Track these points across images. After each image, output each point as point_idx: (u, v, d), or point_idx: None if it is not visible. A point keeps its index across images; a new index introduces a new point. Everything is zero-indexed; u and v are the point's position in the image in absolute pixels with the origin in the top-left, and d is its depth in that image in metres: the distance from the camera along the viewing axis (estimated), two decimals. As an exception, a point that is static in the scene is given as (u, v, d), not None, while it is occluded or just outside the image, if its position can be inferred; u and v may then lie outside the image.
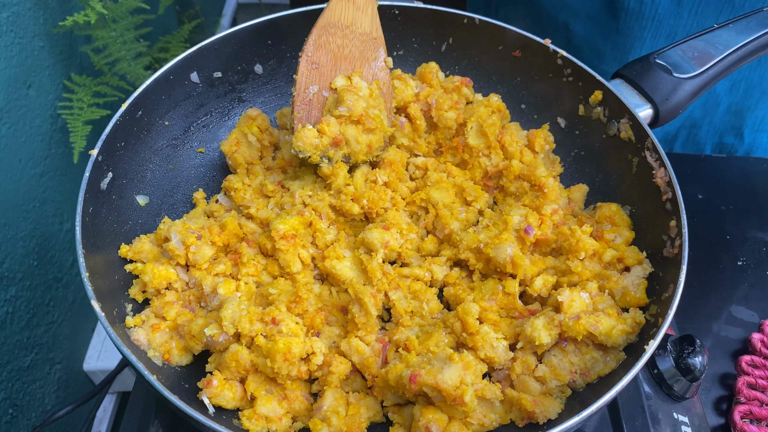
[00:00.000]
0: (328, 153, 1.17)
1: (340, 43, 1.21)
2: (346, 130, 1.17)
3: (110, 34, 1.83)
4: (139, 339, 1.05)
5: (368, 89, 1.21)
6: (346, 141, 1.17)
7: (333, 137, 1.16)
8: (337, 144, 1.16)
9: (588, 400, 0.96)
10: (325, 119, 1.16)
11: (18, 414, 1.72)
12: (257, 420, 0.99)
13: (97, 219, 1.11)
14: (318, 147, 1.15)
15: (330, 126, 1.16)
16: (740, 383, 1.27)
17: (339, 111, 1.16)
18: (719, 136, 1.84)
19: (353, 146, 1.17)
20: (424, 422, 0.96)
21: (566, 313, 1.04)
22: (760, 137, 1.82)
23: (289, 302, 1.07)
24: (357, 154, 1.19)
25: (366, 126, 1.18)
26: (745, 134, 1.82)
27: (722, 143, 1.85)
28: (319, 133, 1.16)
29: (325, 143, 1.16)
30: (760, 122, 1.80)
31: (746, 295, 1.42)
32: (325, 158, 1.17)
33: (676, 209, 1.11)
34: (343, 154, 1.18)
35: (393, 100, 1.27)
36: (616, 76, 1.30)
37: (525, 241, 1.13)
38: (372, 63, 1.24)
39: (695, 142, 1.86)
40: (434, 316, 1.12)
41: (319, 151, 1.16)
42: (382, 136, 1.21)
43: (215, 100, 1.39)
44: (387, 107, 1.24)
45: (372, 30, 1.24)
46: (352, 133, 1.17)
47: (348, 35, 1.21)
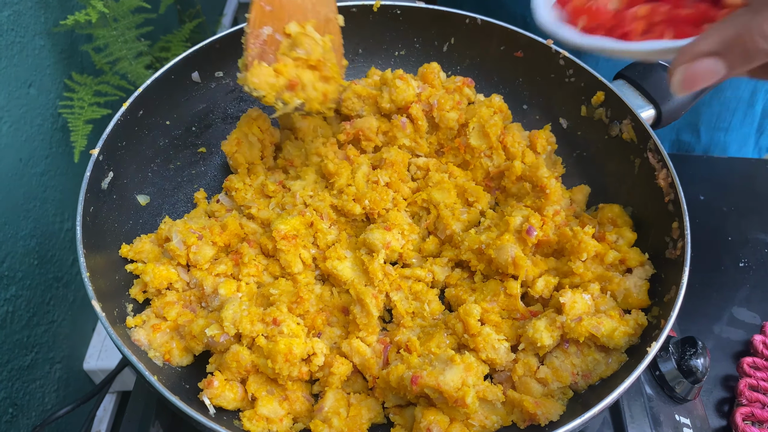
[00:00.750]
0: (284, 96, 1.11)
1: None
2: (302, 74, 1.12)
3: (111, 33, 1.83)
4: (140, 339, 1.05)
5: (322, 41, 1.17)
6: (302, 85, 1.12)
7: (290, 79, 1.11)
8: (293, 87, 1.11)
9: (590, 401, 0.95)
10: (282, 60, 1.12)
11: (18, 413, 1.72)
12: (258, 421, 0.99)
13: (97, 219, 1.10)
14: (274, 87, 1.10)
15: (287, 67, 1.11)
16: (742, 385, 1.26)
17: (297, 53, 1.12)
18: (676, 133, 1.84)
19: (309, 92, 1.12)
20: (426, 423, 0.96)
21: (568, 315, 1.04)
22: (717, 135, 1.82)
23: (290, 303, 1.07)
24: (312, 102, 1.14)
25: (323, 73, 1.14)
26: (702, 132, 1.82)
27: (680, 140, 1.84)
28: (276, 73, 1.11)
29: (281, 84, 1.10)
30: (715, 119, 1.80)
31: (748, 297, 1.42)
32: (280, 101, 1.11)
33: (678, 210, 1.10)
34: (299, 100, 1.13)
35: (342, 59, 1.24)
36: (619, 76, 1.30)
37: (527, 242, 1.13)
38: (323, 17, 1.20)
39: None
40: (435, 317, 1.12)
41: (275, 92, 1.10)
42: (337, 88, 1.18)
43: (217, 100, 1.38)
44: (338, 63, 1.22)
45: None
46: (308, 77, 1.12)
47: None
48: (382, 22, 1.43)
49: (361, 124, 1.31)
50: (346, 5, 1.39)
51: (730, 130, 1.80)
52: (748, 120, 1.79)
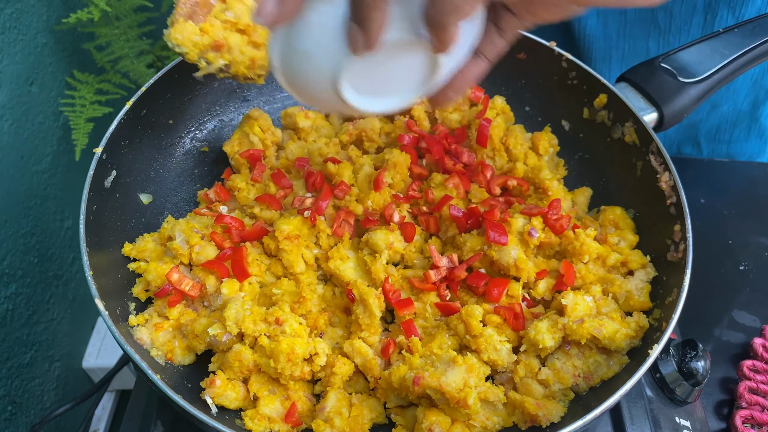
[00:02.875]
0: (207, 55, 1.11)
1: None
2: (230, 36, 1.11)
3: (113, 32, 1.83)
4: (142, 338, 1.05)
5: None
6: (228, 47, 1.11)
7: (215, 40, 1.10)
8: (218, 48, 1.10)
9: (591, 403, 0.96)
10: (209, 19, 1.11)
11: (17, 411, 1.72)
12: (260, 420, 0.99)
13: (100, 217, 1.10)
14: (197, 45, 1.09)
15: (214, 27, 1.10)
16: (741, 388, 1.27)
17: (225, 15, 1.11)
18: (677, 146, 1.85)
19: (235, 54, 1.12)
20: (427, 424, 0.96)
21: (570, 317, 1.05)
22: (719, 147, 1.83)
23: (292, 303, 1.07)
24: (238, 65, 1.13)
25: (252, 38, 1.13)
26: (702, 144, 1.83)
27: (680, 153, 1.85)
28: (201, 32, 1.10)
29: (205, 42, 1.10)
30: (715, 132, 1.81)
31: (748, 300, 1.43)
32: (204, 60, 1.11)
33: (680, 213, 1.11)
34: (224, 61, 1.12)
35: None
36: (621, 79, 1.30)
37: (529, 244, 1.13)
38: None
39: None
40: (437, 318, 1.12)
41: (198, 50, 1.10)
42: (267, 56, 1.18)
43: (219, 100, 1.38)
44: None
45: None
46: (236, 41, 1.11)
47: None
48: (385, 23, 1.43)
49: (364, 124, 1.31)
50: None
51: (733, 142, 1.80)
52: (754, 133, 1.79)
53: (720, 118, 1.77)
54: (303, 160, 1.27)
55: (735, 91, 1.69)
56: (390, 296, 1.09)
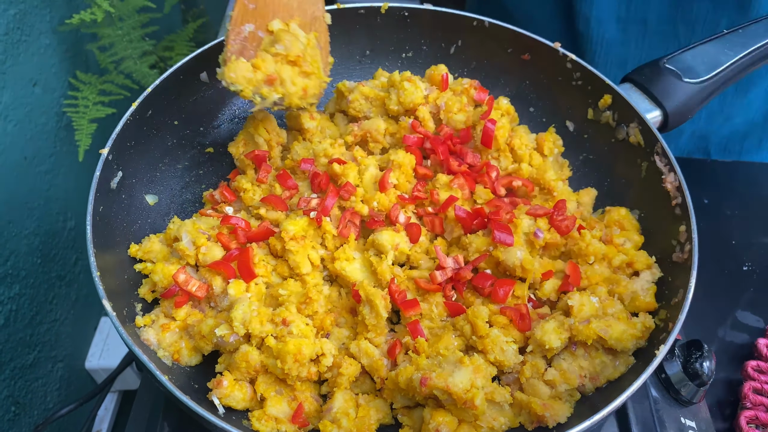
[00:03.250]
0: (262, 91, 1.12)
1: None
2: (281, 69, 1.13)
3: (116, 33, 1.82)
4: (149, 339, 1.05)
5: (306, 38, 1.17)
6: (281, 81, 1.13)
7: (267, 74, 1.11)
8: (271, 82, 1.12)
9: (597, 404, 0.96)
10: (260, 54, 1.13)
11: (20, 412, 1.72)
12: (267, 421, 0.99)
13: (107, 218, 1.10)
14: (251, 81, 1.11)
15: (265, 62, 1.11)
16: (746, 388, 1.27)
17: (276, 49, 1.12)
18: (687, 154, 1.86)
19: (288, 87, 1.13)
20: (434, 425, 0.96)
21: (576, 317, 1.05)
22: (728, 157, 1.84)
23: (299, 303, 1.07)
24: (291, 97, 1.15)
25: (303, 69, 1.14)
26: (712, 153, 1.84)
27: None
28: (254, 68, 1.12)
29: (258, 78, 1.11)
30: (725, 143, 1.82)
31: (752, 301, 1.43)
32: (258, 95, 1.12)
33: (685, 214, 1.11)
34: (277, 95, 1.14)
35: (329, 56, 1.24)
36: (626, 80, 1.31)
37: (534, 244, 1.13)
38: (310, 15, 1.20)
39: None
40: (443, 319, 1.12)
41: (252, 86, 1.11)
42: (319, 84, 1.18)
43: (225, 100, 1.38)
44: (323, 60, 1.22)
45: None
46: (287, 73, 1.13)
47: None
48: (389, 24, 1.44)
49: (369, 125, 1.31)
50: (354, 7, 1.39)
51: (743, 153, 1.81)
52: (766, 144, 1.79)
53: (732, 129, 1.78)
54: (308, 161, 1.27)
55: (749, 103, 1.70)
56: (396, 297, 1.09)
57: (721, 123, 1.76)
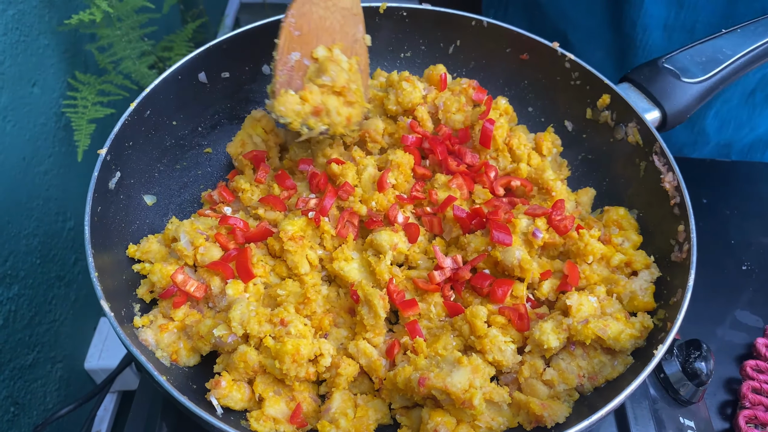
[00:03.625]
0: (309, 122, 1.15)
1: (322, 14, 1.18)
2: (327, 100, 1.15)
3: (115, 33, 1.83)
4: (147, 339, 1.05)
5: (348, 63, 1.20)
6: (326, 111, 1.15)
7: (315, 106, 1.14)
8: (318, 113, 1.14)
9: (596, 404, 0.96)
10: (308, 87, 1.15)
11: (19, 412, 1.72)
12: (265, 421, 0.99)
13: (105, 218, 1.10)
14: (299, 114, 1.14)
15: (313, 94, 1.14)
16: (745, 388, 1.27)
17: (322, 80, 1.15)
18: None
19: (333, 117, 1.16)
20: (433, 425, 0.96)
21: (574, 317, 1.05)
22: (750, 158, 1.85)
23: (297, 304, 1.07)
24: (336, 126, 1.17)
25: (347, 98, 1.17)
26: (732, 156, 1.85)
27: None
28: (302, 101, 1.14)
29: (306, 111, 1.14)
30: (747, 151, 1.83)
31: (751, 300, 1.43)
32: (305, 126, 1.15)
33: (684, 214, 1.11)
34: (323, 126, 1.16)
35: (368, 78, 1.26)
36: (624, 80, 1.30)
37: (533, 244, 1.13)
38: (351, 38, 1.22)
39: None
40: (442, 319, 1.12)
41: (300, 119, 1.14)
42: (361, 112, 1.20)
43: (223, 101, 1.38)
44: (363, 83, 1.23)
45: (353, 6, 1.23)
46: (333, 104, 1.16)
47: (330, 8, 1.19)
48: (388, 24, 1.43)
49: (367, 125, 1.31)
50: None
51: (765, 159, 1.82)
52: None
53: (755, 138, 1.79)
54: (307, 161, 1.27)
55: None
56: (394, 297, 1.09)
57: (747, 132, 1.77)
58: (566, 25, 1.75)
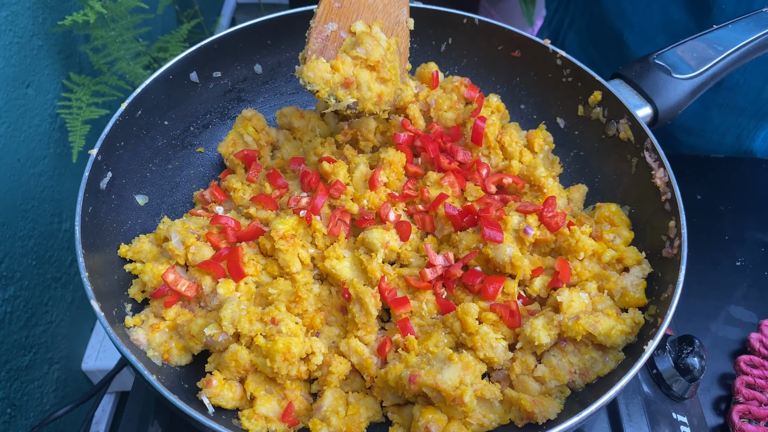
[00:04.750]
0: (337, 93, 1.11)
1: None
2: (359, 73, 1.12)
3: (109, 34, 1.83)
4: (139, 339, 1.05)
5: (387, 42, 1.17)
6: (357, 84, 1.12)
7: (345, 77, 1.11)
8: (348, 85, 1.11)
9: (587, 400, 0.96)
10: (340, 56, 1.12)
11: (16, 414, 1.72)
12: (257, 420, 0.99)
13: (96, 219, 1.10)
14: (328, 83, 1.10)
15: (344, 64, 1.11)
16: (739, 383, 1.27)
17: (356, 52, 1.12)
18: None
19: (364, 92, 1.13)
20: (424, 422, 0.96)
21: (565, 314, 1.05)
22: None
23: (288, 302, 1.07)
24: (366, 102, 1.14)
25: (380, 74, 1.14)
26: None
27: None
28: (332, 70, 1.11)
29: (336, 80, 1.10)
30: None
31: (745, 296, 1.43)
32: (333, 97, 1.12)
33: (675, 210, 1.11)
34: (352, 99, 1.13)
35: (407, 62, 1.23)
36: (616, 76, 1.30)
37: (524, 241, 1.13)
38: (393, 19, 1.20)
39: None
40: (433, 317, 1.12)
41: (329, 88, 1.10)
42: (394, 91, 1.18)
43: (215, 100, 1.38)
44: (401, 66, 1.21)
45: None
46: (365, 77, 1.13)
47: None
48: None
49: (359, 124, 1.31)
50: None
51: None
52: None
53: None
54: (298, 160, 1.27)
55: None
56: (386, 295, 1.09)
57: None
58: (623, 26, 1.74)
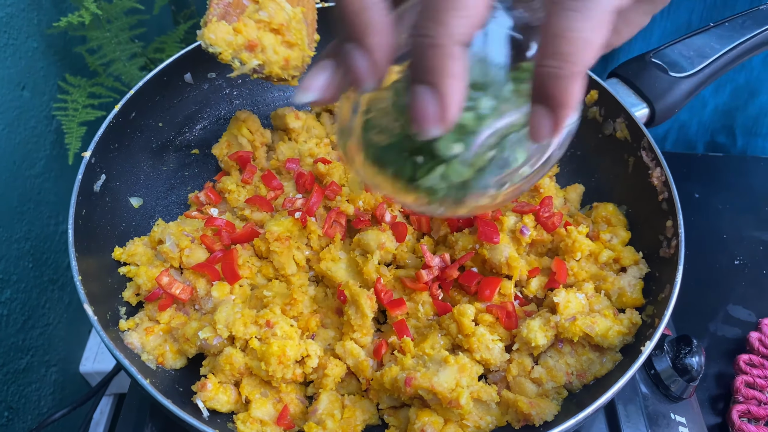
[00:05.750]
0: (241, 55, 1.08)
1: None
2: (263, 36, 1.09)
3: (105, 35, 1.82)
4: (133, 342, 1.05)
5: (292, 11, 1.14)
6: (262, 47, 1.09)
7: (249, 39, 1.08)
8: (252, 48, 1.08)
9: (584, 401, 0.95)
10: (242, 19, 1.09)
11: (13, 417, 1.72)
12: (252, 423, 0.99)
13: (90, 221, 1.10)
14: (231, 45, 1.07)
15: (247, 27, 1.08)
16: (738, 382, 1.27)
17: (259, 15, 1.09)
18: (710, 134, 1.83)
19: (269, 55, 1.10)
20: (420, 425, 0.96)
21: (562, 314, 1.04)
22: (754, 141, 1.82)
23: (283, 305, 1.07)
24: (272, 65, 1.11)
25: (285, 38, 1.11)
26: (737, 135, 1.82)
27: (714, 142, 1.84)
28: (235, 32, 1.08)
29: (239, 42, 1.08)
30: (752, 124, 1.79)
31: (743, 295, 1.42)
32: (237, 60, 1.09)
33: (672, 209, 1.10)
34: (257, 61, 1.10)
35: (314, 33, 1.21)
36: (612, 75, 1.30)
37: (520, 241, 1.13)
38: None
39: (686, 141, 1.85)
40: (430, 318, 1.11)
41: (232, 50, 1.08)
42: (302, 56, 1.14)
43: (209, 101, 1.38)
44: (309, 35, 1.20)
45: None
46: (270, 40, 1.09)
47: None
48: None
49: (355, 124, 1.31)
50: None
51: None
52: None
53: (759, 109, 1.75)
54: (293, 161, 1.26)
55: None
56: (382, 297, 1.09)
57: (746, 99, 1.73)
58: None
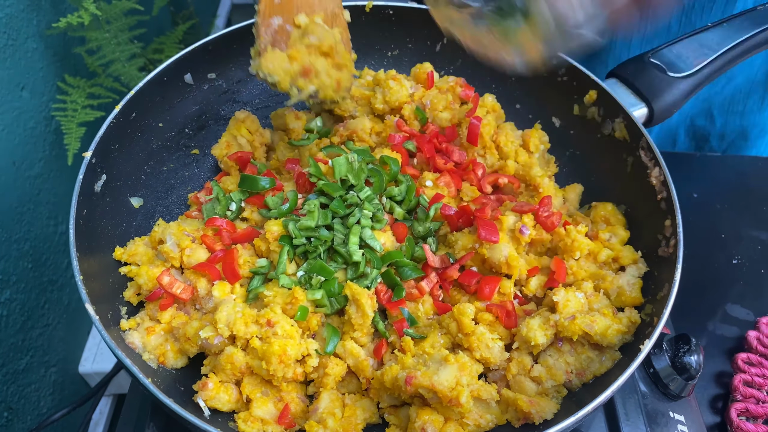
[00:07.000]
0: (298, 82, 1.10)
1: None
2: (315, 60, 1.11)
3: (104, 36, 1.82)
4: (134, 342, 1.05)
5: (332, 32, 1.15)
6: (315, 72, 1.11)
7: (303, 65, 1.10)
8: (307, 74, 1.10)
9: (584, 399, 0.96)
10: (294, 46, 1.10)
11: (13, 417, 1.72)
12: (253, 422, 0.99)
13: (91, 222, 1.10)
14: (288, 72, 1.09)
15: (300, 53, 1.10)
16: (737, 381, 1.27)
17: (309, 40, 1.10)
18: (690, 119, 1.84)
19: (323, 78, 1.12)
20: (420, 423, 0.96)
21: (562, 313, 1.04)
22: (733, 119, 1.82)
23: (284, 304, 1.07)
24: (326, 89, 1.13)
25: (335, 60, 1.13)
26: (716, 116, 1.82)
27: (694, 126, 1.84)
28: (290, 59, 1.10)
29: (295, 69, 1.09)
30: (728, 104, 1.80)
31: (741, 294, 1.43)
32: (295, 87, 1.10)
33: (671, 208, 1.11)
34: (314, 87, 1.12)
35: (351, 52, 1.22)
36: (611, 75, 1.30)
37: (520, 241, 1.13)
38: (330, 12, 1.18)
39: (668, 128, 1.86)
40: (430, 317, 1.12)
41: (289, 78, 1.10)
42: (350, 77, 1.17)
43: (210, 102, 1.38)
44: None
45: None
46: (322, 64, 1.11)
47: None
48: (374, 23, 1.43)
49: (355, 125, 1.31)
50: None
51: (746, 113, 1.79)
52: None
53: (734, 90, 1.76)
54: (293, 161, 1.27)
55: (750, 61, 1.68)
56: (382, 296, 1.09)
57: (724, 84, 1.74)
58: None
